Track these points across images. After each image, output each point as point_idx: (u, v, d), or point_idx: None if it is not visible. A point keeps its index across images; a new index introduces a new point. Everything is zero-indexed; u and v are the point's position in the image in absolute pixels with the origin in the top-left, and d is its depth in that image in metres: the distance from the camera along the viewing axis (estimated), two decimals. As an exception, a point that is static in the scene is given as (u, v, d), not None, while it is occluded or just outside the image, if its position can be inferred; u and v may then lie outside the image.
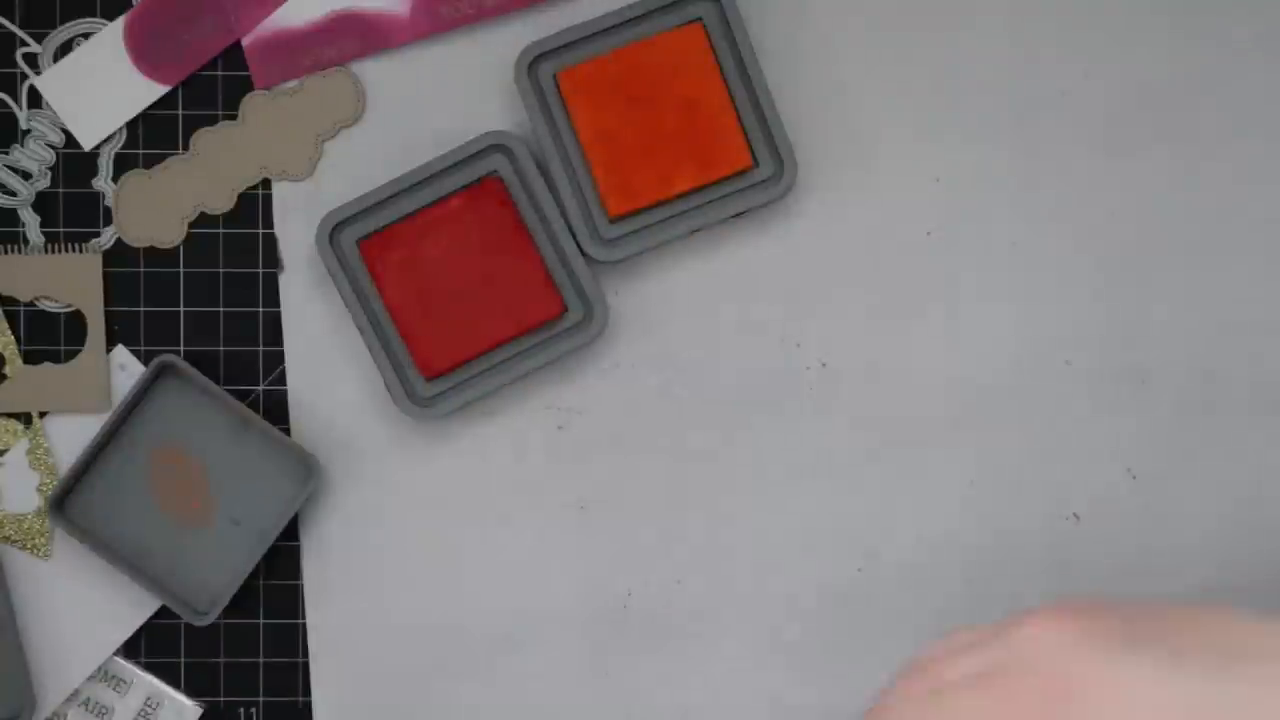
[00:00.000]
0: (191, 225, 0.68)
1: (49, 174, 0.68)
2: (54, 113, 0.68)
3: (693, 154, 0.66)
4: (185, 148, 0.68)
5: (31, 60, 0.68)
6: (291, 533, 0.69)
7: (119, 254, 0.68)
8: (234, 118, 0.68)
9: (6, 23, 0.68)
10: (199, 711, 0.69)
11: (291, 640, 0.69)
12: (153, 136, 0.68)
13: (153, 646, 0.69)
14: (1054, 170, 0.69)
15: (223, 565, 0.68)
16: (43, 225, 0.68)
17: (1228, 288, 0.69)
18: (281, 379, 0.69)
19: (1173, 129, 0.69)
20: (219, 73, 0.68)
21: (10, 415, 0.68)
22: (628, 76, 0.66)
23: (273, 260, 0.69)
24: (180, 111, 0.68)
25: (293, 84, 0.68)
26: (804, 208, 0.69)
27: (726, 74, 0.67)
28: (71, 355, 0.68)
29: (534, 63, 0.67)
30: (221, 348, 0.69)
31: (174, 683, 0.69)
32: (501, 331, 0.67)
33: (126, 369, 0.68)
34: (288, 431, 0.68)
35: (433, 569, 0.69)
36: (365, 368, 0.68)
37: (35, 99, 0.68)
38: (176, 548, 0.68)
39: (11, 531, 0.68)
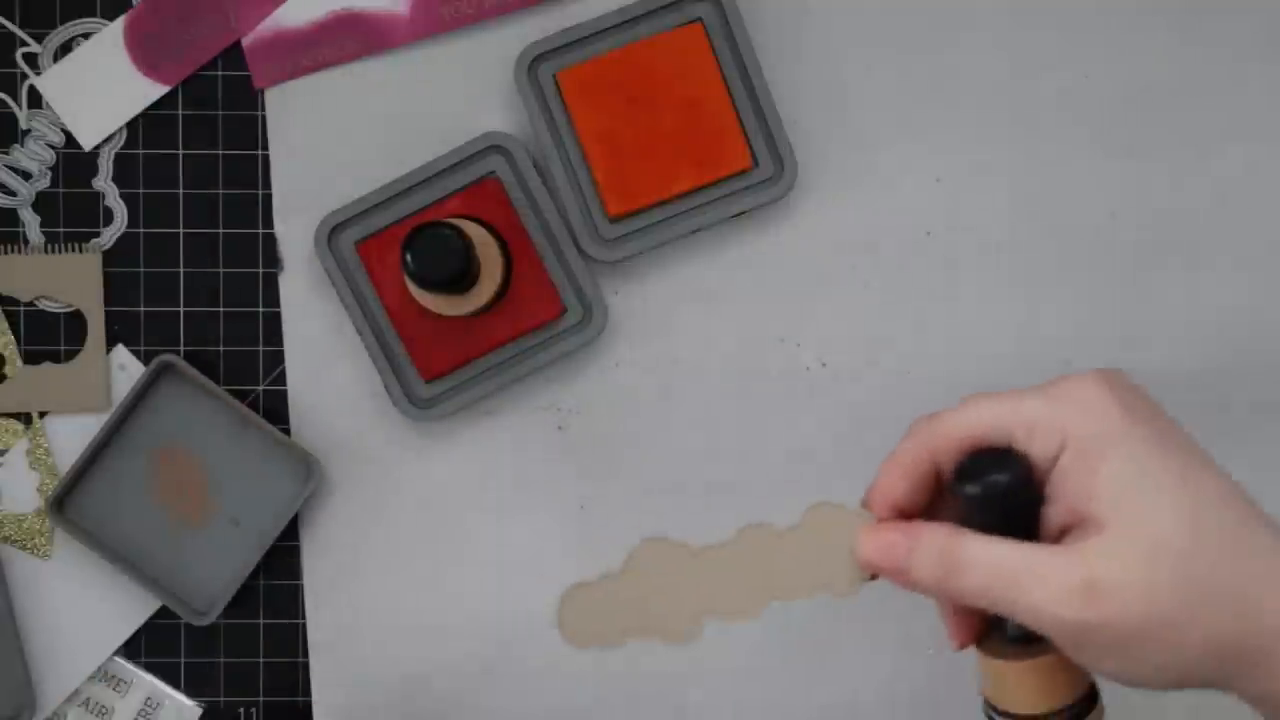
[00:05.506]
0: (192, 224, 0.68)
1: (49, 174, 0.68)
2: (54, 113, 0.68)
3: (693, 154, 0.66)
4: (185, 147, 0.68)
5: (31, 60, 0.68)
6: (291, 533, 0.69)
7: (119, 254, 0.68)
8: (234, 117, 0.68)
9: (6, 23, 0.68)
10: (199, 711, 0.69)
11: (291, 640, 0.69)
12: (153, 136, 0.68)
13: (153, 646, 0.69)
14: (1054, 170, 0.69)
15: (223, 565, 0.68)
16: (43, 225, 0.68)
17: (1228, 288, 0.69)
18: (281, 379, 0.69)
19: (1173, 129, 0.69)
20: (219, 73, 0.68)
21: (10, 415, 0.68)
22: (628, 76, 0.66)
23: (273, 260, 0.69)
24: (180, 111, 0.68)
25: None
26: (804, 208, 0.69)
27: (726, 74, 0.67)
28: (71, 355, 0.68)
29: (534, 63, 0.67)
30: (221, 348, 0.69)
31: (174, 683, 0.69)
32: (501, 333, 0.67)
33: (126, 369, 0.68)
34: (288, 431, 0.68)
35: (432, 569, 0.69)
36: (365, 368, 0.68)
37: (35, 99, 0.68)
38: (176, 548, 0.68)
39: (11, 531, 0.68)
